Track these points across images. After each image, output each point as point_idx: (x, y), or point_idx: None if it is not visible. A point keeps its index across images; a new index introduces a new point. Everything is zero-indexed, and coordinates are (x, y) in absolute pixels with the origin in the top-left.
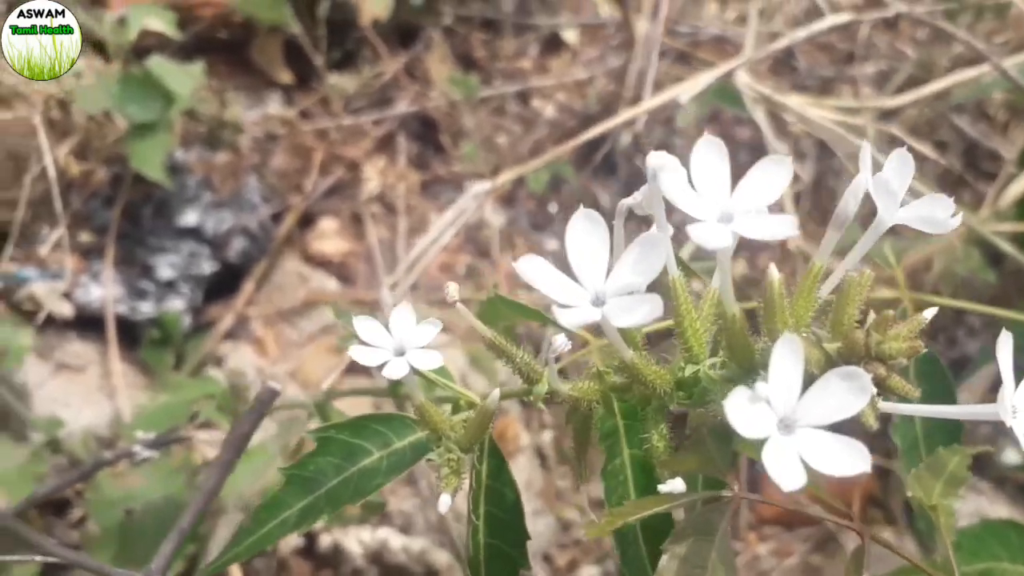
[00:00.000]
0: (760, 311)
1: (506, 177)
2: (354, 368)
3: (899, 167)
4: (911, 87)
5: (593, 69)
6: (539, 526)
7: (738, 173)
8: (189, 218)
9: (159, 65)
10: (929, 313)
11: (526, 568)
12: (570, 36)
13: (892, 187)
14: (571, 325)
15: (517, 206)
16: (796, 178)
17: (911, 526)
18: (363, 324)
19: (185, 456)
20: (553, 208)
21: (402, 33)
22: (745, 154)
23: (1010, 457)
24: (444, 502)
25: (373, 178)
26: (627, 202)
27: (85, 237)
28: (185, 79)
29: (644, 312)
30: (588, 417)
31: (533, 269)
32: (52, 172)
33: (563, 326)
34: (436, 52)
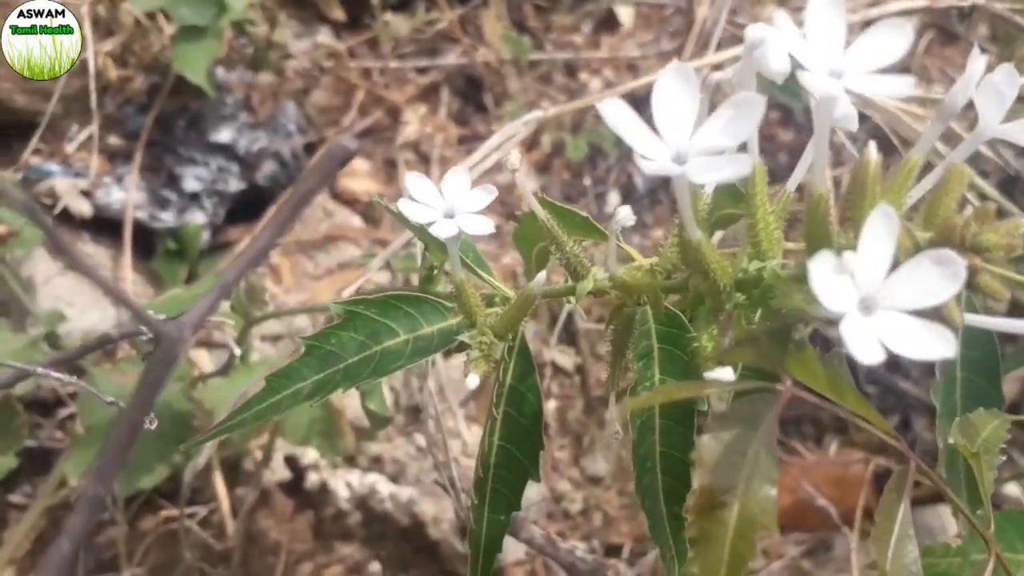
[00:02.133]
0: (847, 196)
1: (557, 110)
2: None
3: (1007, 78)
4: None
5: (646, 50)
6: (531, 493)
7: (780, 176)
8: (223, 135)
9: None
10: None
11: (535, 479)
12: (625, 16)
13: (1002, 90)
14: (653, 173)
15: (551, 174)
16: (835, 183)
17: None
18: (415, 181)
19: (185, 369)
20: (587, 182)
21: None
22: (784, 156)
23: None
24: (472, 380)
25: (412, 123)
26: (717, 76)
27: (114, 140)
28: None
29: (731, 170)
30: (631, 319)
31: (617, 112)
32: (92, 67)
33: (646, 172)
34: (493, 9)
